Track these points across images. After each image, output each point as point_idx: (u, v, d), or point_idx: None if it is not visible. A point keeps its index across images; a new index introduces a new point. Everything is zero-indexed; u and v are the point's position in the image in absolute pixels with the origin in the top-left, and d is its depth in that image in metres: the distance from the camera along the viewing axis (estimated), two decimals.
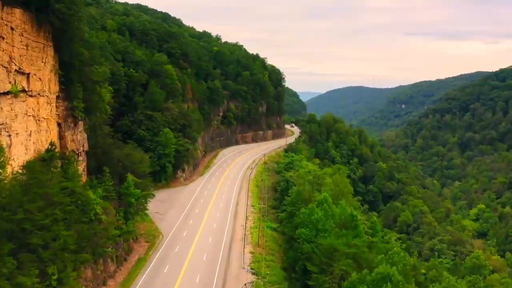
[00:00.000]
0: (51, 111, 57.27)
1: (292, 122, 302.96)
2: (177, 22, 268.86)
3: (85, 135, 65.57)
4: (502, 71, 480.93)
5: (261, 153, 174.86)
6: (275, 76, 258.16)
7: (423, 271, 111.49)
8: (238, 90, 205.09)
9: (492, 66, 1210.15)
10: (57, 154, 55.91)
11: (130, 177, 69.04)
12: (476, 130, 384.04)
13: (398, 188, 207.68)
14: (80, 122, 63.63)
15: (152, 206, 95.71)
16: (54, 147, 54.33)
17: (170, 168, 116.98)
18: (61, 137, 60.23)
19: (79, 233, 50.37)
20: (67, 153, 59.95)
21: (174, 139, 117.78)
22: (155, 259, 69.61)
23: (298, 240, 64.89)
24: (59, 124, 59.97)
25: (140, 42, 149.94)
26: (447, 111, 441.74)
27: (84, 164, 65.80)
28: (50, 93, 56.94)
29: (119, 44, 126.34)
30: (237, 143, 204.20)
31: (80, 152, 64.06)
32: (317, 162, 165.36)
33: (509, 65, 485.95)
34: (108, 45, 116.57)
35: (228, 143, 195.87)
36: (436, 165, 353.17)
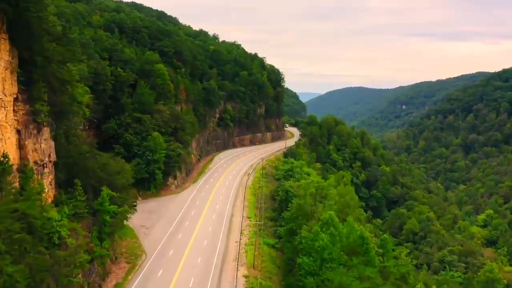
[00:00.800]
0: (6, 116, 48.39)
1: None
2: (173, 21, 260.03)
3: (52, 143, 56.60)
4: (505, 71, 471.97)
5: (259, 157, 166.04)
6: (274, 76, 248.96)
7: (434, 287, 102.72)
8: (235, 91, 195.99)
9: (493, 66, 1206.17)
10: (13, 167, 47.09)
11: (105, 190, 60.11)
12: (480, 131, 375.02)
13: (402, 193, 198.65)
14: (45, 128, 54.67)
15: (138, 219, 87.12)
16: (7, 159, 45.40)
17: (160, 175, 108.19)
18: (20, 146, 51.36)
19: (33, 266, 41.47)
20: (29, 165, 51.11)
21: (165, 144, 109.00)
22: (134, 284, 60.67)
23: (300, 272, 55.53)
24: (18, 131, 51.13)
25: (130, 40, 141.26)
26: (449, 112, 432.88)
27: (51, 177, 56.89)
28: (6, 95, 48.06)
29: (106, 42, 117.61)
30: (234, 146, 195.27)
31: (45, 163, 55.15)
32: (318, 166, 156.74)
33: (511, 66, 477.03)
34: (92, 42, 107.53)
35: (224, 147, 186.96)
36: (440, 168, 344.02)
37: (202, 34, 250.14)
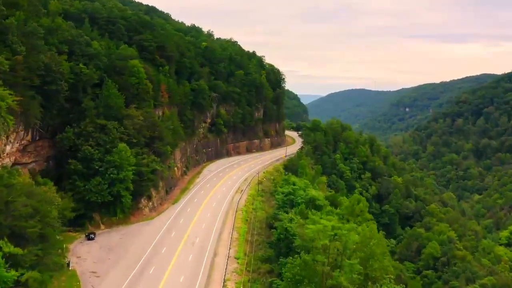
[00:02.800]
0: None
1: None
2: (164, 16, 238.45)
3: None
4: None
5: (256, 168, 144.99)
6: (274, 76, 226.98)
7: None
8: (230, 92, 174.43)
9: (495, 68, 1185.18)
10: None
11: (4, 248, 38.36)
12: (492, 136, 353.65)
13: (417, 207, 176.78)
14: None
15: (91, 260, 66.50)
16: None
17: (128, 197, 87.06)
18: None
19: None
20: None
21: (134, 158, 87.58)
22: None
23: None
24: None
25: (103, 32, 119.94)
26: (458, 115, 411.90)
27: None
28: None
29: (66, 32, 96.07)
30: (228, 154, 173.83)
31: None
32: (325, 180, 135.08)
33: None
34: (43, 31, 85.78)
35: (217, 155, 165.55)
36: (451, 175, 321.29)
37: (194, 30, 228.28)
